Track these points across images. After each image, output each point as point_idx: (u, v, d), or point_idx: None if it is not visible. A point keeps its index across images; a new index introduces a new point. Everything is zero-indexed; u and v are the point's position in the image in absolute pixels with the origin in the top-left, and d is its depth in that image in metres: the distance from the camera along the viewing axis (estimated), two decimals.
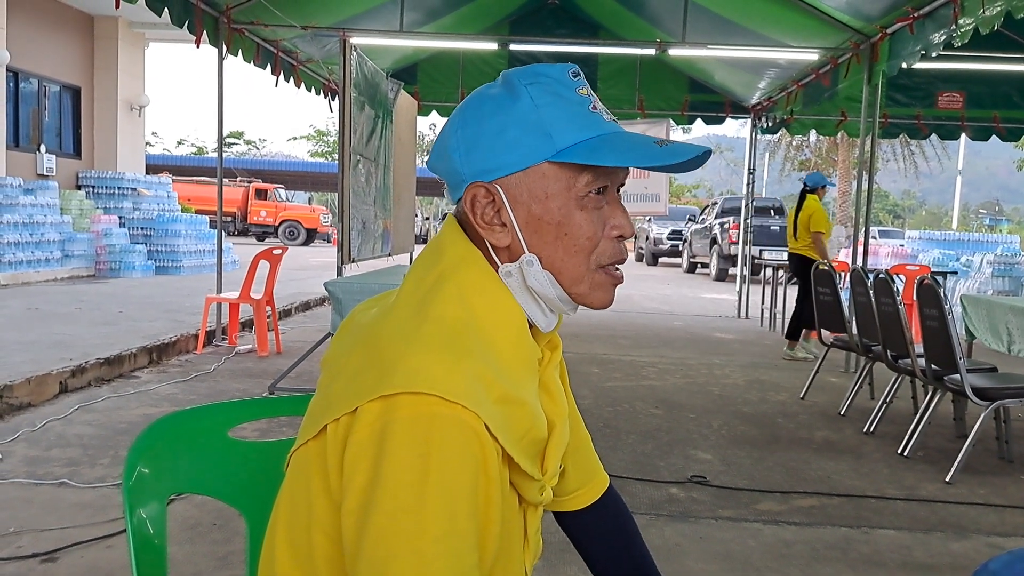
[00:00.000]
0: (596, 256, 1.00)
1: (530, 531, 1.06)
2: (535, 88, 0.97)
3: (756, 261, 11.88)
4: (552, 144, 0.96)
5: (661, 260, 24.91)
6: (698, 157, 0.98)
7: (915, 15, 5.72)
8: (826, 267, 5.97)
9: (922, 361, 4.52)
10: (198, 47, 6.68)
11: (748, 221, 11.29)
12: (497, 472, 0.90)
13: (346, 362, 0.96)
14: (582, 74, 1.01)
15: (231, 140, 45.70)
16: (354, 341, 0.99)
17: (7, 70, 12.10)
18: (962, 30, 5.06)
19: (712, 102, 10.44)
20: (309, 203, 35.96)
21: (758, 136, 11.09)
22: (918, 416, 4.61)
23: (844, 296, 5.83)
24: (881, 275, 4.87)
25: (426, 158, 1.07)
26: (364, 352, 0.94)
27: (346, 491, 0.88)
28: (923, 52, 5.69)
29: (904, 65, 6.14)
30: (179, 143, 48.72)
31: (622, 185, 1.04)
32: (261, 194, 29.41)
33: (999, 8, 4.63)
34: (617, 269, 1.03)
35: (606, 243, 1.00)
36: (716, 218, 18.68)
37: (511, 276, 0.99)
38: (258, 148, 50.28)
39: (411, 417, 0.85)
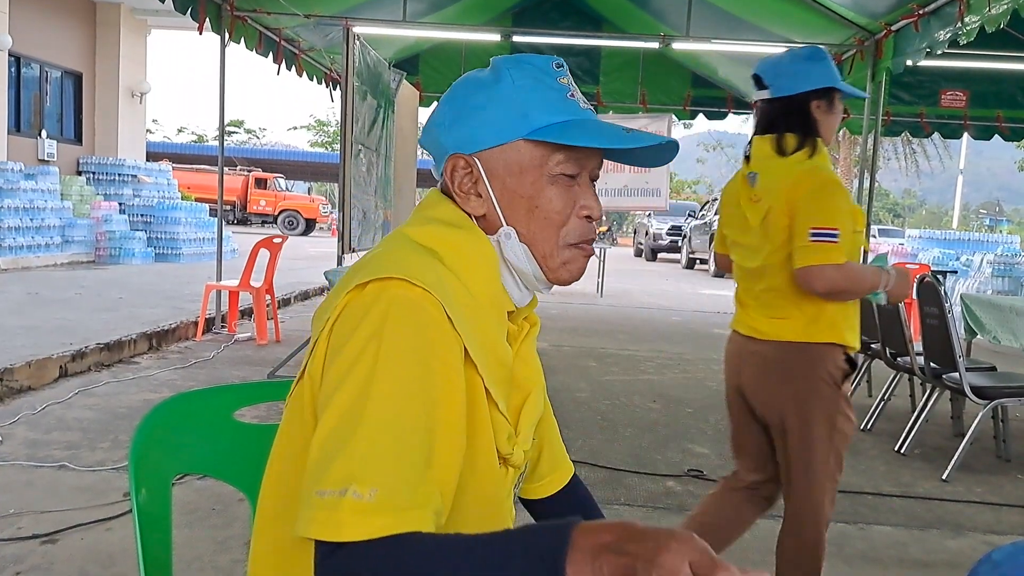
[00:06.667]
0: (566, 232, 1.07)
1: (503, 494, 1.09)
2: (516, 71, 1.05)
3: None
4: (528, 123, 1.03)
5: (660, 256, 24.90)
6: (664, 148, 1.06)
7: (920, 12, 5.71)
8: None
9: (921, 359, 4.53)
10: (200, 34, 6.66)
11: None
12: (458, 362, 0.95)
13: (330, 298, 1.03)
14: (566, 66, 1.09)
15: (231, 129, 45.61)
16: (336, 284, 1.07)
17: (9, 55, 12.06)
18: (968, 28, 5.04)
19: (715, 97, 10.40)
20: (308, 193, 35.90)
21: None
22: (916, 414, 4.62)
23: None
24: None
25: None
26: (344, 277, 1.02)
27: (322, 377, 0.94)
28: (928, 50, 5.68)
29: (909, 63, 6.13)
30: (179, 131, 48.69)
31: (596, 178, 1.10)
32: (261, 183, 29.34)
33: (1005, 6, 4.61)
34: (587, 245, 1.10)
35: (576, 221, 1.07)
36: (716, 214, 18.64)
37: None
38: (258, 137, 50.17)
39: (373, 299, 0.93)
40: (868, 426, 4.93)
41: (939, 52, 5.60)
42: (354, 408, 0.86)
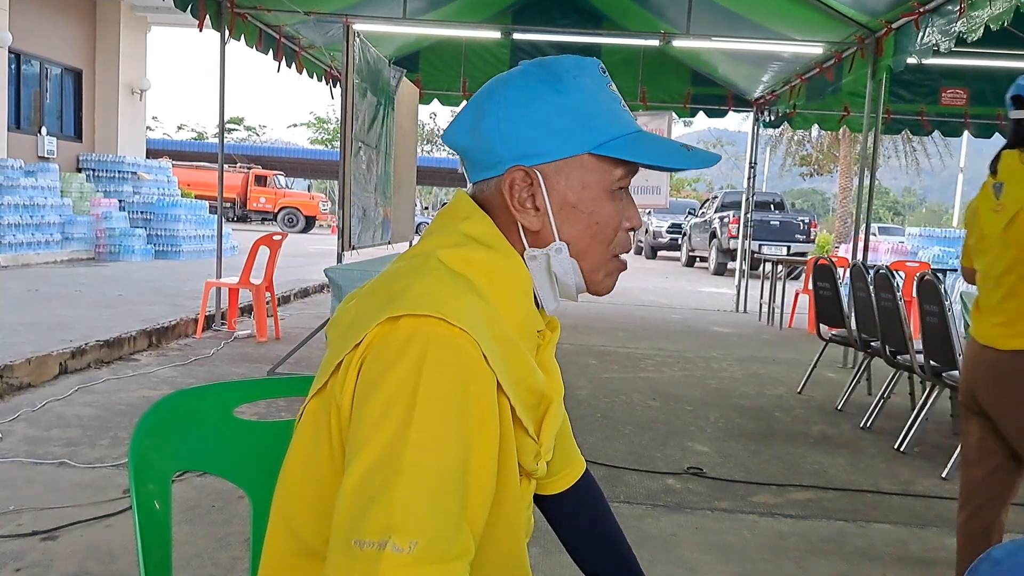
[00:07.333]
0: (613, 246, 1.06)
1: (522, 505, 1.07)
2: (582, 81, 1.02)
3: (755, 255, 11.87)
4: (594, 136, 1.00)
5: (660, 253, 24.91)
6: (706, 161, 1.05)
7: (921, 10, 5.70)
8: (827, 262, 5.97)
9: (920, 357, 4.52)
10: (201, 31, 6.66)
11: (748, 215, 11.29)
12: (493, 402, 0.91)
13: (355, 308, 0.98)
14: (607, 71, 1.06)
15: (231, 126, 45.58)
16: (360, 294, 1.02)
17: (9, 52, 12.05)
18: (969, 26, 5.03)
19: (715, 95, 10.41)
20: (308, 190, 35.90)
21: (760, 130, 11.07)
22: (915, 412, 4.62)
23: (843, 291, 5.83)
24: (882, 271, 4.88)
25: (427, 147, 1.07)
26: (371, 294, 0.97)
27: (352, 419, 0.90)
28: (933, 48, 5.66)
29: (912, 61, 6.12)
30: (179, 128, 48.68)
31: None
32: (261, 180, 29.37)
33: (1007, 4, 4.61)
34: (624, 255, 1.10)
35: (621, 234, 1.06)
36: (716, 212, 18.66)
37: (535, 260, 1.03)
38: (258, 134, 50.15)
39: (408, 335, 0.87)
40: (867, 424, 4.94)
41: (944, 50, 5.58)
42: (391, 454, 0.83)
